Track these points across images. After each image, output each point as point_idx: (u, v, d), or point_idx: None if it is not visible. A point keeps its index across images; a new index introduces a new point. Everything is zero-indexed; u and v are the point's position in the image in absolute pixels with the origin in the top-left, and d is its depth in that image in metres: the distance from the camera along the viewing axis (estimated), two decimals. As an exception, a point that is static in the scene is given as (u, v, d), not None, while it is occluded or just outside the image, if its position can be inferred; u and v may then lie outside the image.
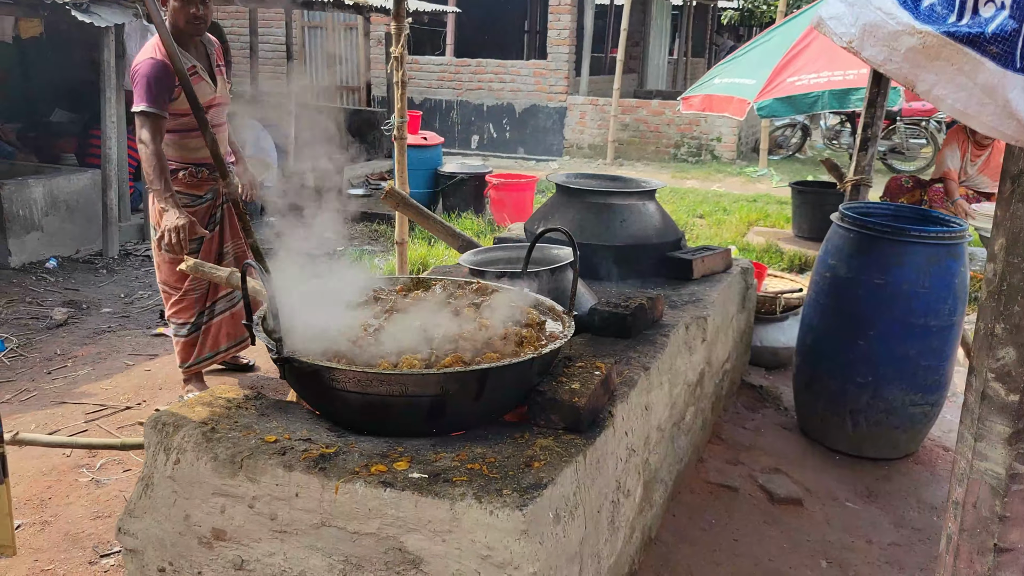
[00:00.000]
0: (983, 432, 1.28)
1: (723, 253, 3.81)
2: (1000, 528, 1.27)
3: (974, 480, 1.31)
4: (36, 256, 7.03)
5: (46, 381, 4.60)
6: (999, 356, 1.25)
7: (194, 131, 3.71)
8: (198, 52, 3.82)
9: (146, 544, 2.19)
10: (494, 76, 13.89)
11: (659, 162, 13.40)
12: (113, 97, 7.30)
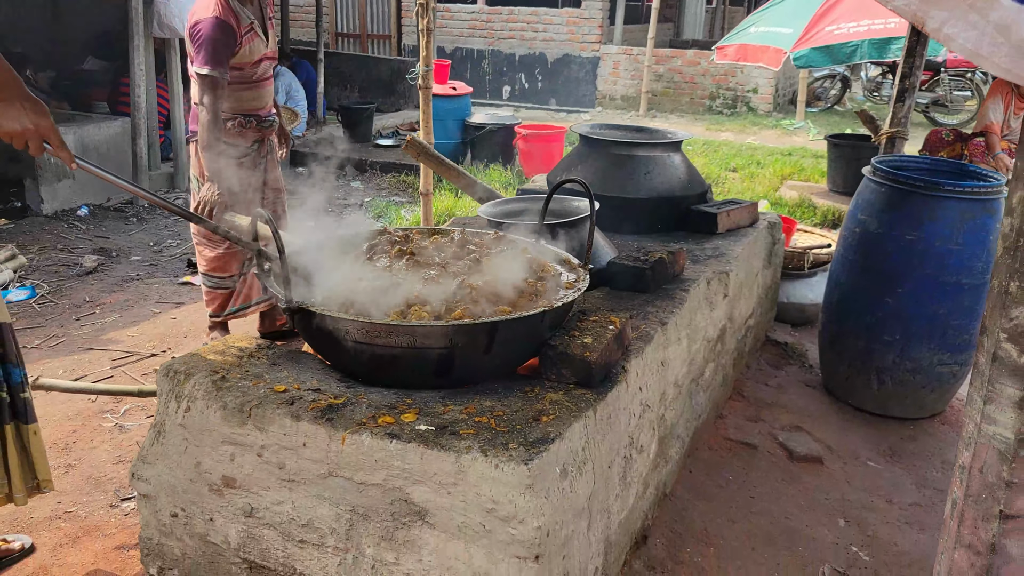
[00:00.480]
0: (992, 395, 1.23)
1: (749, 207, 3.72)
2: (1006, 494, 1.22)
3: (982, 444, 1.25)
4: (68, 204, 7.09)
5: (75, 327, 4.66)
6: (1013, 316, 1.18)
7: (245, 84, 3.73)
8: (253, 6, 3.74)
9: (159, 490, 2.21)
10: (526, 25, 13.66)
11: (693, 114, 13.15)
12: (141, 45, 7.28)
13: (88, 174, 5.94)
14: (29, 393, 2.39)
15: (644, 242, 3.37)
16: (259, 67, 3.80)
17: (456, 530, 1.88)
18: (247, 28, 3.65)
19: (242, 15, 3.62)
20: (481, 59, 13.94)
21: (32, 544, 2.64)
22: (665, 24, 15.28)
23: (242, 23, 3.61)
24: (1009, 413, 1.20)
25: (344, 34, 14.94)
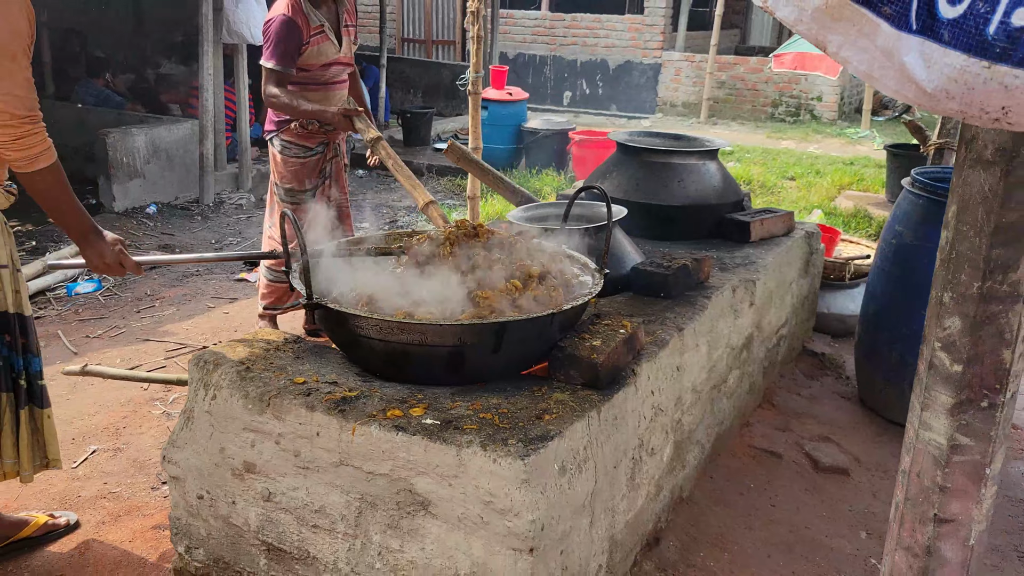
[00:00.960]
0: (928, 402, 1.25)
1: (784, 216, 3.72)
2: (940, 498, 1.24)
3: (919, 449, 1.27)
4: (138, 202, 7.41)
5: (135, 319, 4.90)
6: (945, 325, 1.21)
7: (311, 85, 3.87)
8: (329, 11, 3.89)
9: (187, 473, 2.35)
10: (588, 31, 13.70)
11: (755, 121, 13.02)
12: (210, 50, 7.56)
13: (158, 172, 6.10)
14: (45, 381, 2.58)
15: (675, 249, 3.41)
16: (329, 70, 3.92)
17: (457, 521, 1.96)
18: (316, 30, 3.78)
19: (312, 17, 3.77)
20: (543, 65, 14.03)
21: (77, 520, 2.81)
22: (731, 30, 15.15)
23: (311, 24, 3.75)
24: (942, 419, 1.22)
25: (410, 39, 15.21)
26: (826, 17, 0.89)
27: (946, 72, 0.86)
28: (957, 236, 1.16)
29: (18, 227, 6.66)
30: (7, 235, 2.47)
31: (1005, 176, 1.09)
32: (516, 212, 3.26)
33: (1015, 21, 0.83)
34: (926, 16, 0.86)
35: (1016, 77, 0.84)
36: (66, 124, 8.39)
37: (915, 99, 0.90)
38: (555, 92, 14.07)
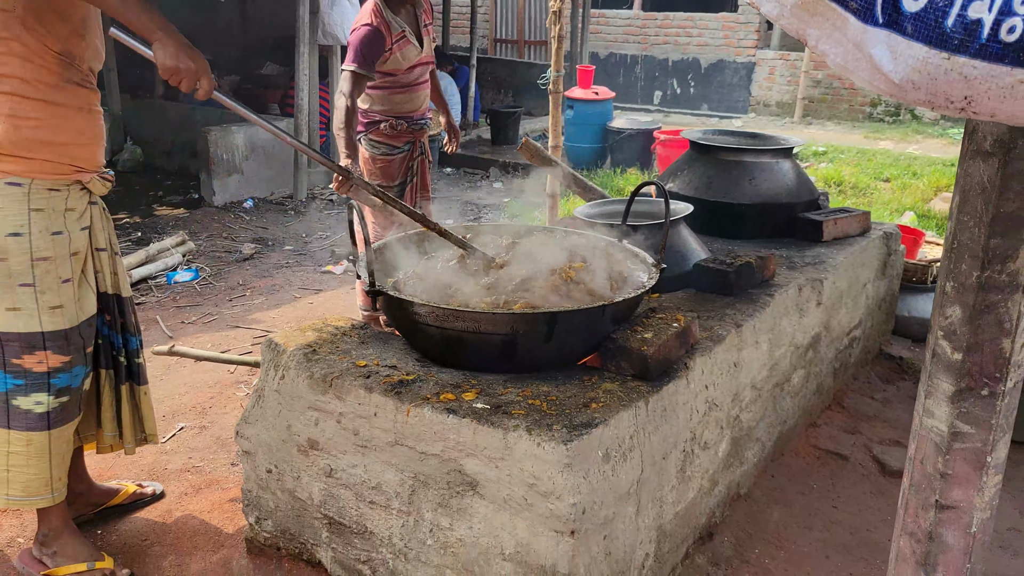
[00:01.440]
0: (931, 389, 1.24)
1: (860, 216, 3.66)
2: (942, 485, 1.24)
3: (922, 436, 1.27)
4: (236, 196, 7.77)
5: (227, 307, 5.16)
6: (947, 314, 1.20)
7: (399, 88, 4.00)
8: (408, 15, 4.00)
9: (257, 447, 2.50)
10: (680, 30, 13.58)
11: (852, 121, 12.65)
12: (306, 51, 7.86)
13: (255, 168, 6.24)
14: (143, 359, 2.73)
15: (744, 247, 3.40)
16: (412, 72, 4.02)
17: (503, 501, 2.04)
18: (399, 36, 3.89)
19: (394, 24, 3.88)
20: (634, 64, 13.98)
21: (163, 491, 3.01)
22: (830, 28, 14.75)
23: (393, 31, 3.86)
24: (944, 407, 1.22)
25: (503, 40, 15.38)
26: (803, 12, 0.92)
27: (911, 63, 0.88)
28: (958, 226, 1.16)
29: (125, 219, 7.09)
30: (106, 220, 2.58)
31: (1003, 167, 1.09)
32: (583, 208, 3.31)
33: (971, 14, 0.84)
34: (891, 10, 0.88)
35: (974, 68, 0.85)
36: (173, 122, 8.86)
37: (886, 90, 0.93)
38: (645, 92, 14.00)
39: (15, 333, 2.35)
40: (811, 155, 9.59)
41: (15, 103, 2.23)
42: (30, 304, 2.34)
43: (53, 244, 2.35)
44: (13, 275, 2.31)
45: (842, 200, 7.60)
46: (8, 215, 2.27)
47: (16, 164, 2.26)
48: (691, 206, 3.19)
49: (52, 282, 2.36)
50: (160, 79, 9.72)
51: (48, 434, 2.43)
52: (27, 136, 2.25)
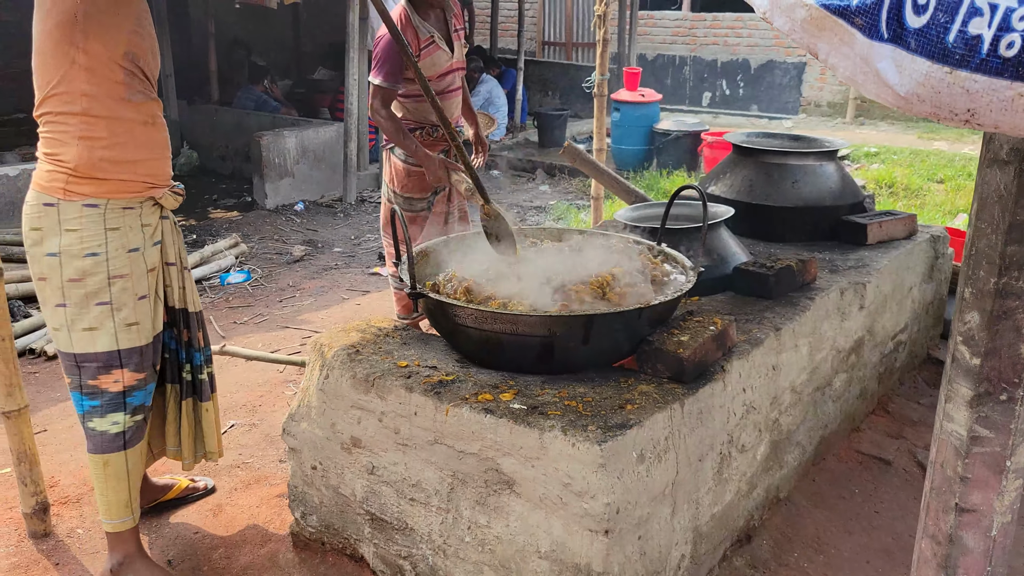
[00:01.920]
0: (951, 394, 1.25)
1: (905, 219, 3.62)
2: (962, 488, 1.24)
3: (942, 440, 1.28)
4: (287, 199, 7.93)
5: (277, 308, 5.29)
6: (966, 320, 1.21)
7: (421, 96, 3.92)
8: (437, 20, 3.88)
9: (303, 445, 2.58)
10: (730, 31, 13.47)
11: (905, 121, 12.42)
12: (356, 57, 8.00)
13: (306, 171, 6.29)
14: (207, 375, 2.72)
15: (787, 250, 3.39)
16: (444, 80, 3.88)
17: (538, 500, 2.08)
18: (427, 42, 3.76)
19: (421, 29, 3.74)
20: (683, 66, 13.90)
21: (214, 486, 3.11)
22: (884, 26, 14.49)
23: (421, 36, 3.73)
24: (963, 411, 1.22)
25: (551, 43, 15.42)
26: (813, 28, 0.95)
27: (915, 77, 0.90)
28: (976, 233, 1.17)
29: (181, 221, 7.28)
30: (176, 234, 2.60)
31: (1019, 175, 1.10)
32: (623, 211, 3.34)
33: (971, 30, 0.86)
34: (896, 26, 0.90)
35: (975, 81, 0.87)
36: (228, 127, 9.08)
37: (892, 102, 0.95)
38: (694, 93, 13.91)
39: (92, 353, 2.37)
40: (863, 156, 9.45)
41: (85, 124, 2.26)
42: (107, 323, 2.36)
43: (130, 261, 2.37)
44: (90, 295, 2.33)
45: (893, 202, 7.48)
46: (86, 236, 2.30)
47: (92, 186, 2.30)
48: (732, 209, 3.19)
49: (129, 299, 2.39)
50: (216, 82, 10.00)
51: (125, 454, 2.46)
52: (100, 157, 2.28)
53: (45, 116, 2.29)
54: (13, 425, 2.72)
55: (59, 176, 2.28)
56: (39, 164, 2.34)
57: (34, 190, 2.34)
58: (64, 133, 2.27)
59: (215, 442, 2.79)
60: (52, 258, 2.31)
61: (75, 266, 2.31)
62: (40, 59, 2.26)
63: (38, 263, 2.35)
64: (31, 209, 2.33)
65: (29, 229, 2.34)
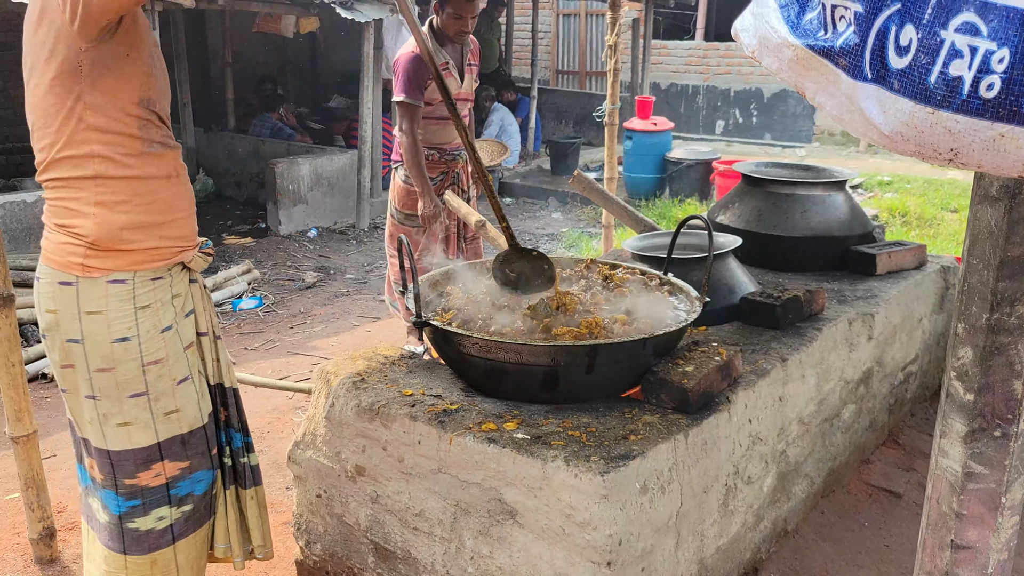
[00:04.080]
0: (945, 429, 1.24)
1: (915, 249, 3.61)
2: (957, 525, 1.23)
3: (938, 476, 1.27)
4: (300, 226, 8.00)
5: (288, 334, 5.32)
6: (959, 355, 1.20)
7: (434, 119, 4.14)
8: (454, 50, 4.20)
9: (308, 472, 2.58)
10: (743, 60, 13.52)
11: (921, 150, 12.38)
12: (370, 85, 8.09)
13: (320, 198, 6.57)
14: (249, 459, 2.41)
15: (795, 280, 3.39)
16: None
17: (541, 531, 2.07)
18: (441, 67, 4.03)
19: (438, 55, 4.05)
20: (696, 94, 13.97)
21: (220, 512, 3.10)
22: (897, 56, 14.51)
23: (436, 61, 3.98)
24: (957, 447, 1.22)
25: (565, 71, 15.54)
26: (800, 67, 0.96)
27: (899, 117, 0.91)
28: (968, 269, 1.17)
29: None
30: (206, 300, 2.28)
31: (1008, 212, 1.11)
32: (632, 240, 3.34)
33: (952, 71, 0.87)
34: (879, 66, 0.91)
35: (957, 122, 0.88)
36: (243, 154, 9.18)
37: (878, 141, 0.95)
38: (707, 121, 13.96)
39: (127, 451, 2.08)
40: (876, 185, 9.44)
41: (101, 188, 1.95)
42: (143, 415, 2.07)
43: (164, 343, 2.08)
44: (122, 386, 2.04)
45: (907, 231, 7.46)
46: (114, 319, 1.99)
47: (116, 259, 1.98)
48: (739, 239, 3.19)
49: (167, 386, 2.10)
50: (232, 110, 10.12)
51: (173, 548, 2.19)
52: (123, 224, 1.97)
53: (52, 183, 1.98)
54: (22, 450, 2.74)
55: (76, 250, 1.96)
56: (48, 234, 2.02)
57: (46, 266, 2.01)
58: (77, 200, 1.95)
59: (263, 535, 2.43)
60: (75, 345, 2.01)
61: (102, 354, 2.00)
62: (40, 119, 1.94)
63: (58, 349, 2.04)
64: (44, 288, 2.01)
65: (44, 310, 2.02)
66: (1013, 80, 0.83)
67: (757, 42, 1.00)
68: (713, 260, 2.96)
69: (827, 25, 0.95)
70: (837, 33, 0.94)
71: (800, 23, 0.98)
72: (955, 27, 0.85)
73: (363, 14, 7.55)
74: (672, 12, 13.84)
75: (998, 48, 0.83)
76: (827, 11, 0.94)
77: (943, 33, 0.86)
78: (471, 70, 4.30)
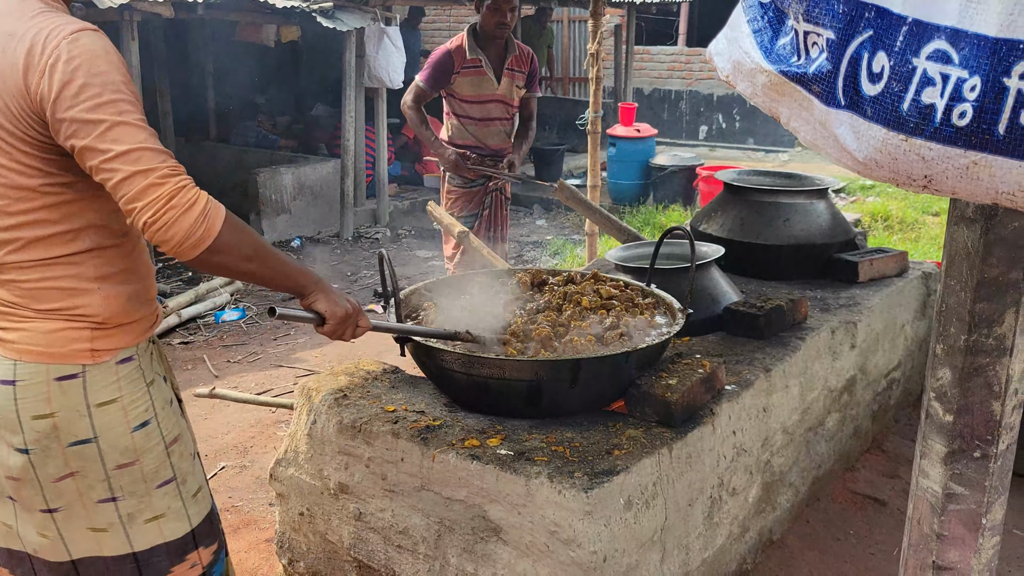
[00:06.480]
0: (926, 450, 1.24)
1: (897, 256, 3.62)
2: (938, 546, 1.23)
3: (919, 497, 1.27)
4: (284, 235, 7.96)
5: (271, 346, 5.28)
6: (938, 376, 1.20)
7: (471, 120, 4.35)
8: (497, 52, 4.36)
9: (290, 490, 2.56)
10: (725, 65, 13.59)
11: (902, 153, 12.46)
12: (353, 94, 8.06)
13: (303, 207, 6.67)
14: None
15: (779, 289, 3.39)
16: (485, 107, 4.36)
17: (525, 548, 2.06)
18: (472, 62, 4.24)
19: (471, 51, 4.25)
20: (679, 100, 14.01)
21: (202, 530, 3.06)
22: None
23: (468, 57, 4.24)
24: (938, 468, 1.22)
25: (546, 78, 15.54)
26: (773, 92, 0.95)
27: (872, 144, 0.90)
28: (946, 290, 1.17)
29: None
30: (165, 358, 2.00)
31: (985, 233, 1.10)
32: (614, 251, 3.34)
33: (924, 99, 0.87)
34: (852, 93, 0.91)
35: (930, 149, 0.87)
36: (226, 164, 9.13)
37: (852, 167, 0.95)
38: (691, 127, 14.01)
39: (161, 545, 1.82)
40: (858, 189, 9.49)
41: (99, 259, 1.71)
42: (175, 503, 1.84)
43: (174, 415, 1.87)
44: (149, 477, 1.79)
45: (888, 236, 7.50)
46: (130, 404, 1.75)
47: (124, 334, 1.75)
48: (722, 248, 3.19)
49: (188, 463, 1.89)
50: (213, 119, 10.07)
51: None
52: (128, 293, 1.76)
53: (31, 264, 1.66)
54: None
55: (80, 334, 1.68)
56: (23, 324, 1.66)
57: (30, 363, 1.66)
58: (76, 278, 1.68)
59: None
60: (84, 447, 1.70)
61: (122, 448, 1.73)
62: (7, 203, 1.62)
63: (55, 458, 1.70)
64: (31, 390, 1.66)
65: (30, 418, 1.67)
66: (984, 108, 0.83)
67: (731, 67, 1.00)
68: (696, 270, 2.96)
69: (800, 51, 0.95)
70: (810, 59, 0.94)
71: (773, 48, 0.98)
72: (927, 55, 0.85)
73: (344, 23, 7.53)
74: (654, 18, 13.89)
75: (970, 76, 0.83)
76: (800, 37, 0.93)
77: (915, 61, 0.86)
78: (512, 75, 4.39)
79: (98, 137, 1.50)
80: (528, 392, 2.27)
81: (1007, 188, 0.83)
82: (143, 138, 1.53)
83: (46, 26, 1.54)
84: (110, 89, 1.52)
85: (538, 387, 2.25)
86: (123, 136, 1.51)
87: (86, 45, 1.53)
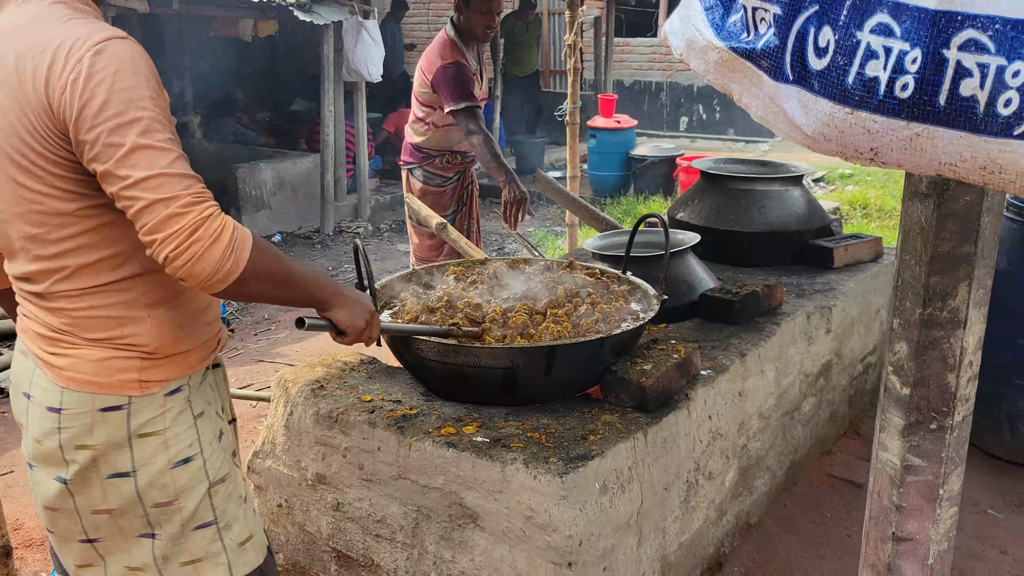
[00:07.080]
0: (884, 423, 1.26)
1: (871, 242, 3.65)
2: (898, 518, 1.25)
3: (879, 470, 1.29)
4: (264, 231, 7.92)
5: (252, 341, 5.27)
6: (895, 350, 1.22)
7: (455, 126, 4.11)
8: (473, 53, 4.25)
9: (268, 482, 2.56)
10: (705, 56, 13.64)
11: (881, 142, 12.56)
12: (331, 88, 8.03)
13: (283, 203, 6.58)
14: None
15: (754, 276, 3.41)
16: None
17: (502, 534, 2.07)
18: (474, 71, 4.14)
19: (470, 60, 4.13)
20: (659, 91, 14.05)
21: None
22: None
23: (471, 67, 4.11)
24: (896, 441, 1.24)
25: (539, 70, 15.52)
26: (725, 69, 0.96)
27: (820, 118, 0.92)
28: (902, 265, 1.19)
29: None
30: (227, 384, 2.00)
31: (938, 208, 1.12)
32: (592, 240, 3.35)
33: (869, 72, 0.88)
34: (799, 68, 0.92)
35: (875, 122, 0.89)
36: (208, 160, 9.08)
37: (801, 141, 0.96)
38: (671, 118, 14.05)
39: None
40: (837, 178, 9.55)
41: (148, 285, 1.61)
42: (214, 547, 1.70)
43: (223, 453, 1.75)
44: (187, 519, 1.67)
45: (867, 223, 7.56)
46: (173, 438, 1.64)
47: (175, 364, 1.65)
48: (698, 236, 3.21)
49: (236, 508, 1.75)
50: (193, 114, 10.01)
51: None
52: (180, 320, 1.66)
53: (76, 293, 1.57)
54: (-25, 468, 2.68)
55: (129, 364, 1.60)
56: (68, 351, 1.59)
57: (75, 391, 1.58)
58: (124, 306, 1.59)
59: None
60: (121, 480, 1.61)
61: (162, 484, 1.63)
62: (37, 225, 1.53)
63: (93, 489, 1.62)
64: (75, 420, 1.59)
65: (73, 448, 1.59)
66: (926, 80, 0.84)
67: (684, 45, 1.01)
68: (672, 257, 2.98)
69: (749, 27, 0.96)
70: (759, 35, 0.95)
71: (724, 25, 0.99)
72: (870, 28, 0.86)
73: (321, 16, 7.50)
74: (634, 9, 13.88)
75: (911, 48, 0.84)
76: (749, 13, 0.95)
77: (859, 34, 0.87)
78: (485, 69, 4.39)
79: (117, 162, 1.40)
80: (504, 379, 2.27)
81: (949, 159, 0.84)
82: (166, 163, 1.42)
83: (71, 36, 1.45)
84: (134, 107, 1.41)
85: (514, 374, 2.26)
86: (143, 161, 1.40)
87: (111, 57, 1.43)
